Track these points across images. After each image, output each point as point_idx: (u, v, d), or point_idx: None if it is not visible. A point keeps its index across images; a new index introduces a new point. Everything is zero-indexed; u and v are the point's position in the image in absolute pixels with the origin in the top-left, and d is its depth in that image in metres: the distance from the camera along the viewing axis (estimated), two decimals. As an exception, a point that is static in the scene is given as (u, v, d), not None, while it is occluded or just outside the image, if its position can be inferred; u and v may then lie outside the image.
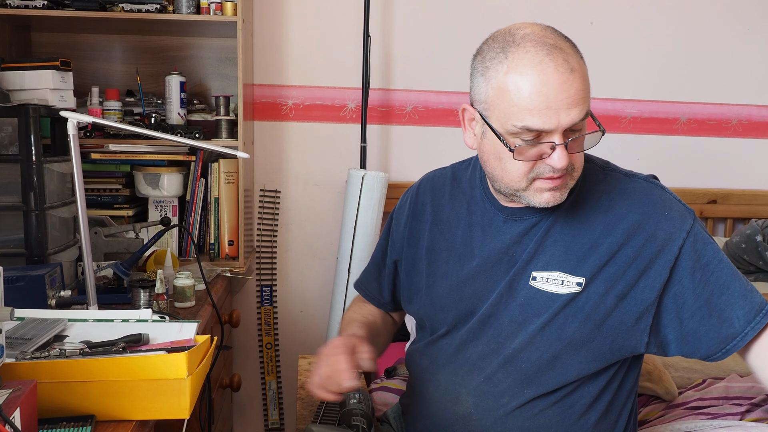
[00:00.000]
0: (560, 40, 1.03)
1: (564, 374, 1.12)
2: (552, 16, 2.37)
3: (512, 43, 1.02)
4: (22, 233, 1.53)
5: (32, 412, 0.87)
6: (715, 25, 2.46)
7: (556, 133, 1.01)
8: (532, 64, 0.99)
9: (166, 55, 2.27)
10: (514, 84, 1.01)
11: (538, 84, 0.99)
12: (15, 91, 1.73)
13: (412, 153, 2.41)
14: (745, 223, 2.45)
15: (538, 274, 1.12)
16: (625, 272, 1.09)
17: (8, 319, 0.84)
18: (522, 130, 1.01)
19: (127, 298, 1.54)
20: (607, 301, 1.09)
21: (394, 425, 1.39)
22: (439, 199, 1.28)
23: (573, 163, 1.06)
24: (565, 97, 0.99)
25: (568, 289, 1.10)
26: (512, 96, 1.01)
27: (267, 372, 2.43)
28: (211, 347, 1.08)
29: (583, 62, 1.03)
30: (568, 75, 0.99)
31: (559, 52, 1.00)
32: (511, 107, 1.01)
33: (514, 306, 1.14)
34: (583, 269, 1.10)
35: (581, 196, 1.14)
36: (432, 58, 2.37)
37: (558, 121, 1.00)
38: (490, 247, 1.17)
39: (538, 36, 1.02)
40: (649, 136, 2.50)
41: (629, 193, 1.14)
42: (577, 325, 1.10)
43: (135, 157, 2.04)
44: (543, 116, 1.00)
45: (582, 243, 1.11)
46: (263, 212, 2.39)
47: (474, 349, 1.16)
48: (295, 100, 2.36)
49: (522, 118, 1.01)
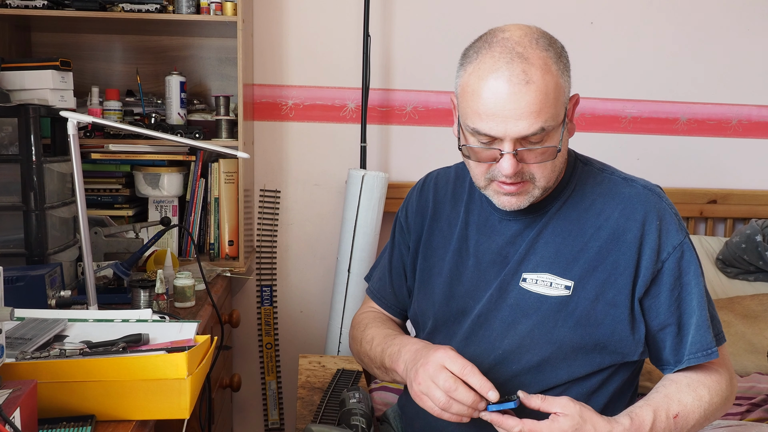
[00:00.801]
0: (533, 48, 1.02)
1: (554, 376, 1.12)
2: (552, 16, 2.37)
3: (487, 45, 1.05)
4: (22, 233, 1.53)
5: (32, 412, 0.87)
6: (715, 25, 2.46)
7: (505, 140, 1.03)
8: (491, 70, 1.02)
9: (166, 55, 2.27)
10: (472, 86, 1.04)
11: (488, 91, 1.02)
12: (15, 91, 1.73)
13: (412, 153, 2.41)
14: (745, 223, 2.45)
15: (528, 276, 1.13)
16: (616, 280, 1.10)
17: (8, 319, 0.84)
18: (474, 132, 1.05)
19: (127, 298, 1.54)
20: (597, 308, 1.10)
21: (394, 425, 1.39)
22: (441, 197, 1.29)
23: (532, 172, 1.07)
24: (514, 107, 1.01)
25: (557, 292, 1.11)
26: (469, 97, 1.04)
27: (267, 372, 2.43)
28: (211, 347, 1.08)
29: (552, 77, 1.02)
30: (521, 87, 1.00)
31: (521, 62, 1.01)
32: (468, 108, 1.05)
33: (504, 307, 1.14)
34: (572, 272, 1.11)
35: (575, 198, 1.15)
36: (432, 58, 2.37)
37: (505, 130, 1.02)
38: (484, 247, 1.18)
39: (511, 42, 1.03)
40: (649, 136, 2.50)
41: (623, 197, 1.14)
42: (567, 329, 1.10)
43: (135, 157, 2.04)
44: (490, 122, 1.02)
45: (572, 245, 1.12)
46: (263, 212, 2.39)
47: (467, 349, 1.16)
48: (295, 100, 2.36)
49: (473, 120, 1.04)
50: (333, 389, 1.60)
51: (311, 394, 1.61)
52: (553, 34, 1.12)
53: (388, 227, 2.39)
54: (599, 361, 1.12)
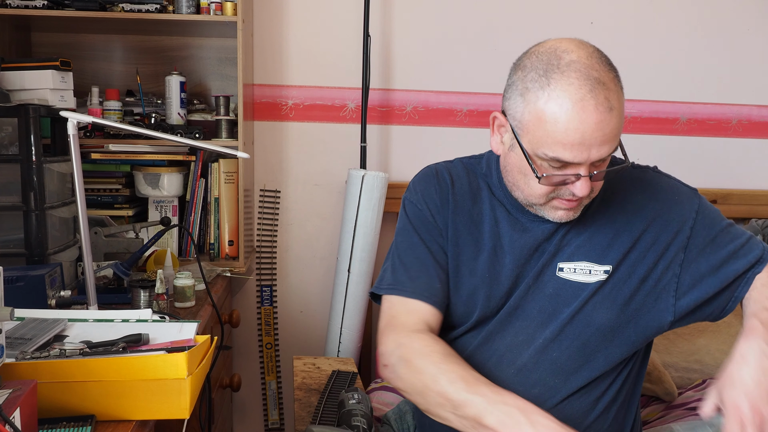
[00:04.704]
0: (605, 71, 1.02)
1: (593, 364, 1.14)
2: (552, 16, 2.37)
3: (556, 69, 1.01)
4: (22, 233, 1.53)
5: (32, 412, 0.87)
6: (715, 25, 2.46)
7: (583, 165, 1.03)
8: (574, 99, 0.99)
9: (166, 55, 2.27)
10: (552, 115, 1.00)
11: (575, 121, 0.99)
12: (15, 91, 1.73)
13: (412, 153, 2.41)
14: (745, 223, 2.45)
15: (564, 265, 1.15)
16: (645, 256, 1.15)
17: (8, 319, 0.84)
18: (552, 160, 1.03)
19: (127, 298, 1.54)
20: (630, 284, 1.14)
21: (395, 426, 1.39)
22: (459, 191, 1.23)
23: (593, 188, 1.09)
24: (600, 135, 1.01)
25: (596, 278, 1.14)
26: (548, 126, 1.01)
27: (267, 372, 2.43)
28: (211, 347, 1.08)
29: (622, 94, 1.05)
30: (607, 114, 1.00)
31: (602, 88, 1.00)
32: (546, 137, 1.02)
33: (542, 297, 1.15)
34: (609, 257, 1.15)
35: (607, 191, 1.18)
36: (432, 58, 2.36)
37: (588, 156, 1.02)
38: (520, 243, 1.17)
39: (583, 66, 1.01)
40: (649, 136, 2.50)
41: (642, 182, 1.21)
42: (604, 310, 1.14)
43: (135, 157, 2.04)
44: (575, 151, 1.01)
45: (605, 233, 1.16)
46: (263, 212, 2.39)
47: (501, 341, 1.16)
48: (295, 100, 2.36)
49: (554, 149, 1.02)
50: (330, 390, 1.60)
51: (308, 395, 1.61)
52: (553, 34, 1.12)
53: (388, 227, 2.39)
54: (633, 340, 1.16)
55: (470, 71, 2.36)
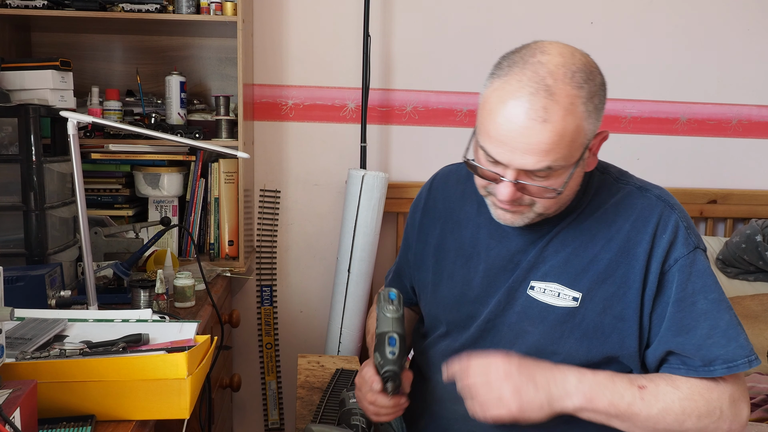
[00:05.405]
0: (565, 85, 0.97)
1: None
2: (552, 17, 2.37)
3: (520, 64, 1.00)
4: (22, 233, 1.53)
5: (32, 412, 0.87)
6: (715, 25, 2.46)
7: (509, 168, 1.01)
8: (512, 95, 0.98)
9: (166, 55, 2.27)
10: (491, 105, 1.01)
11: (502, 117, 0.99)
12: (15, 91, 1.73)
13: (412, 153, 2.41)
14: (745, 223, 2.45)
15: (536, 284, 1.12)
16: (625, 293, 1.08)
17: (8, 319, 0.84)
18: (484, 150, 1.03)
19: (127, 298, 1.54)
20: (605, 321, 1.08)
21: (394, 425, 1.39)
22: (451, 195, 1.27)
23: (532, 200, 1.06)
24: (524, 142, 0.98)
25: (564, 303, 1.10)
26: (486, 115, 1.02)
27: (267, 372, 2.43)
28: (211, 347, 1.09)
29: (574, 119, 0.98)
30: (537, 124, 0.97)
31: (545, 97, 0.96)
32: (482, 124, 1.03)
33: (511, 314, 1.14)
34: (580, 284, 1.10)
35: (590, 208, 1.13)
36: (432, 58, 2.37)
37: (510, 160, 1.00)
38: (495, 252, 1.17)
39: (545, 70, 0.98)
40: (649, 136, 2.50)
41: (636, 208, 1.11)
42: (573, 341, 1.10)
43: (135, 157, 2.04)
44: (499, 148, 1.01)
45: (582, 256, 1.11)
46: (263, 212, 2.39)
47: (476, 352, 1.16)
48: (295, 100, 2.36)
49: (483, 139, 1.03)
50: (332, 389, 1.60)
51: (310, 394, 1.61)
52: (553, 34, 1.11)
53: (388, 227, 2.39)
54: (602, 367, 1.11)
55: (470, 71, 2.36)
